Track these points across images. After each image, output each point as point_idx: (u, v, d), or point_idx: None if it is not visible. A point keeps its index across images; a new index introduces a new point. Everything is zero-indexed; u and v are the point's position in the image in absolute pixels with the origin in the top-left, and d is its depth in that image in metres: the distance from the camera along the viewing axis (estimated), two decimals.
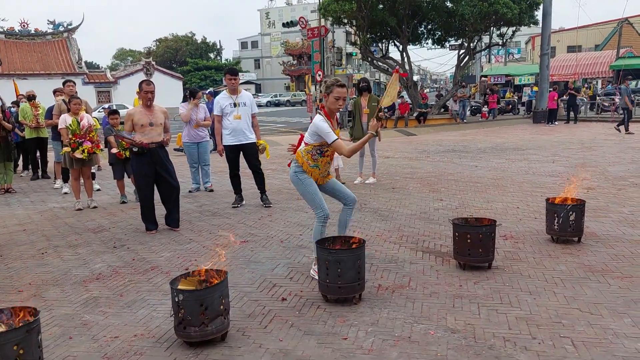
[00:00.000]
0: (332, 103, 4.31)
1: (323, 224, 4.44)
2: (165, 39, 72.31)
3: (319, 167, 4.36)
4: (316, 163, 4.35)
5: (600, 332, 3.33)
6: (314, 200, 4.39)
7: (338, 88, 4.29)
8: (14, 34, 39.74)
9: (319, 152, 4.33)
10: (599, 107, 25.15)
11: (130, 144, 6.04)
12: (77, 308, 3.99)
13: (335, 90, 4.28)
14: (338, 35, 40.76)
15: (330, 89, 4.29)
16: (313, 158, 4.34)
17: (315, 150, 4.33)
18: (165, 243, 5.73)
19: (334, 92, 4.28)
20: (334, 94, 4.28)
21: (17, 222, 6.98)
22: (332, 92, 4.29)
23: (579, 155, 11.54)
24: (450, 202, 7.31)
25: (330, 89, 4.30)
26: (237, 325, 3.57)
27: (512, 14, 20.33)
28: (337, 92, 4.28)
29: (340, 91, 4.29)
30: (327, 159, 4.39)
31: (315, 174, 4.37)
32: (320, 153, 4.33)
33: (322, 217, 4.40)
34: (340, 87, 4.30)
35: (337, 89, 4.28)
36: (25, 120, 10.05)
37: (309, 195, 4.41)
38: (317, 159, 4.34)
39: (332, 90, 4.28)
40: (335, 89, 4.28)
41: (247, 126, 7.19)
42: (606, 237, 5.37)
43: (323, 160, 4.36)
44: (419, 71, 75.04)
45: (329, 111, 4.35)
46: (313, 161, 4.34)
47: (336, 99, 4.29)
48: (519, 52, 52.43)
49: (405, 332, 3.41)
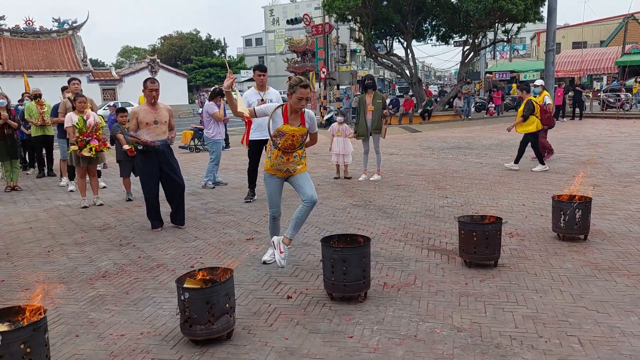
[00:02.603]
0: (295, 103, 4.41)
1: (272, 220, 4.79)
2: (170, 37, 72.31)
3: (270, 158, 4.53)
4: (270, 154, 4.55)
5: (607, 331, 3.32)
6: (268, 198, 4.70)
7: (301, 89, 4.37)
8: (19, 32, 39.85)
9: (273, 144, 4.50)
10: (605, 103, 25.00)
11: (135, 142, 6.04)
12: (83, 306, 4.01)
13: (299, 91, 4.36)
14: (342, 32, 40.61)
15: (294, 89, 4.37)
16: (271, 150, 4.54)
17: (271, 141, 4.52)
18: (170, 241, 5.74)
19: (297, 93, 4.37)
20: (297, 95, 4.37)
21: (23, 220, 7.01)
22: (295, 92, 4.37)
23: (584, 152, 11.49)
24: (455, 199, 7.29)
25: (293, 89, 4.38)
26: (242, 323, 3.57)
27: (517, 10, 20.21)
28: (300, 93, 4.36)
29: (303, 92, 4.37)
30: (277, 152, 4.47)
31: (267, 165, 4.58)
32: (273, 144, 4.49)
33: (271, 216, 4.76)
34: (303, 87, 4.38)
35: (300, 90, 4.36)
36: (31, 119, 10.09)
37: (267, 192, 4.71)
38: (272, 150, 4.52)
39: (296, 91, 4.37)
40: (299, 89, 4.36)
41: None
42: (613, 235, 5.35)
43: (274, 152, 4.49)
44: (423, 68, 74.85)
45: (291, 108, 4.47)
46: (269, 152, 4.57)
47: (299, 99, 4.38)
48: (524, 49, 52.18)
49: (411, 331, 3.41)
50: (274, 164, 4.52)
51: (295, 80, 4.42)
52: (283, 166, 4.53)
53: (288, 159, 4.51)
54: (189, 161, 12.31)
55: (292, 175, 4.60)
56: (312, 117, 4.65)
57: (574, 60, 35.39)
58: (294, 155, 4.51)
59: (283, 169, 4.54)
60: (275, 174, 4.58)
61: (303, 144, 4.58)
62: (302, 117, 4.53)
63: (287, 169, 4.55)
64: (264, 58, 70.13)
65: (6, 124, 9.01)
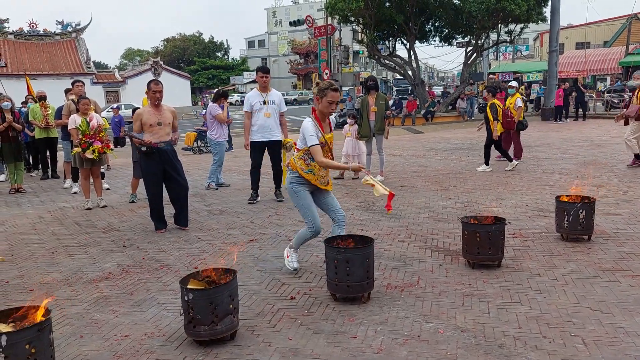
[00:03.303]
0: (325, 107, 4.23)
1: (312, 236, 4.46)
2: (173, 39, 72.55)
3: (313, 172, 4.26)
4: (310, 168, 4.26)
5: (611, 331, 3.31)
6: (307, 213, 4.35)
7: (332, 92, 4.20)
8: (23, 34, 40.01)
9: (311, 156, 4.23)
10: (608, 103, 24.95)
11: (139, 143, 6.07)
12: (87, 307, 4.02)
13: (330, 94, 4.19)
14: (345, 33, 40.67)
15: (324, 93, 4.20)
16: (306, 163, 4.26)
17: (307, 155, 4.25)
18: (174, 242, 5.75)
19: (328, 96, 4.20)
20: (327, 98, 4.20)
21: (27, 221, 7.03)
22: (325, 95, 4.20)
23: (588, 153, 11.46)
24: (458, 200, 7.29)
25: (324, 92, 4.21)
26: (246, 324, 3.58)
27: (520, 10, 20.22)
28: (330, 97, 4.20)
29: (334, 95, 4.22)
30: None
31: (311, 178, 4.27)
32: (312, 157, 4.23)
33: (312, 232, 4.39)
34: (334, 91, 4.22)
35: (331, 93, 4.20)
36: (35, 121, 10.13)
37: (302, 208, 4.37)
38: (310, 163, 4.25)
39: (326, 94, 4.20)
40: (330, 92, 4.19)
41: (275, 124, 7.38)
42: (616, 235, 5.33)
43: (316, 165, 4.24)
44: (426, 69, 74.82)
45: (320, 115, 4.28)
46: (307, 166, 4.26)
47: (329, 103, 4.22)
48: (527, 49, 52.11)
49: (415, 331, 3.41)
50: (318, 177, 4.29)
51: (326, 84, 4.26)
52: (325, 179, 4.38)
53: (328, 170, 4.39)
54: (192, 163, 12.33)
55: (321, 190, 4.40)
56: (332, 121, 4.54)
57: (578, 61, 35.33)
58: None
59: (325, 181, 4.38)
60: (315, 185, 4.34)
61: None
62: (330, 124, 4.41)
63: (328, 180, 4.41)
64: (267, 60, 70.24)
65: (10, 127, 9.05)
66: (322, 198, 4.42)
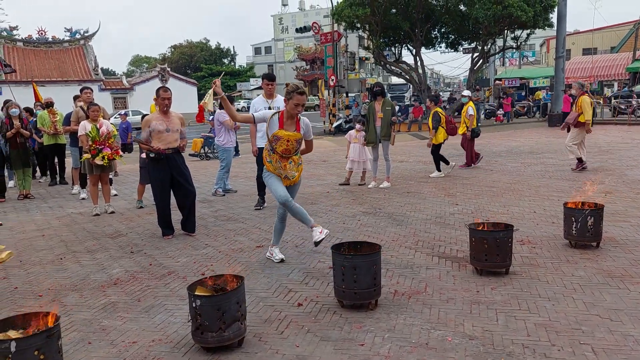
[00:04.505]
0: (291, 108, 4.61)
1: (280, 220, 4.98)
2: (180, 45, 72.99)
3: (272, 162, 4.69)
4: (270, 159, 4.70)
5: (620, 339, 3.29)
6: (277, 189, 4.70)
7: (298, 95, 4.56)
8: (32, 41, 40.42)
9: (271, 148, 4.68)
10: (615, 109, 24.83)
11: (147, 149, 6.10)
12: (95, 313, 4.03)
13: (295, 97, 4.56)
14: (351, 39, 40.68)
15: (291, 95, 4.57)
16: (269, 154, 4.72)
17: (269, 146, 4.71)
18: (181, 248, 5.77)
19: (294, 99, 4.57)
20: (293, 100, 4.57)
21: (35, 227, 7.07)
22: (292, 98, 4.56)
23: (596, 159, 11.40)
24: (465, 206, 7.27)
25: (290, 95, 4.58)
26: (253, 331, 3.58)
27: (527, 16, 20.18)
28: (296, 99, 4.56)
29: (300, 98, 4.57)
30: (276, 156, 4.66)
31: (270, 168, 4.70)
32: (271, 149, 4.67)
33: (280, 207, 4.83)
34: (300, 94, 4.57)
35: (297, 96, 4.56)
36: (44, 127, 10.20)
37: (270, 186, 4.75)
38: (271, 154, 4.70)
39: (292, 97, 4.56)
40: (295, 95, 4.56)
41: None
42: (625, 242, 5.30)
43: (274, 157, 4.67)
44: (432, 75, 74.82)
45: (287, 114, 4.66)
46: (269, 156, 4.72)
47: (295, 105, 4.59)
48: (533, 55, 52.02)
49: (423, 339, 3.39)
50: (276, 167, 4.71)
51: (292, 87, 4.60)
52: (282, 171, 4.70)
53: (285, 164, 4.68)
54: (199, 169, 12.37)
55: (289, 185, 4.79)
56: (307, 124, 4.82)
57: (584, 67, 35.23)
58: (290, 161, 4.69)
59: (282, 174, 4.71)
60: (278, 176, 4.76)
61: (298, 150, 4.77)
62: (298, 123, 4.72)
63: (286, 175, 4.71)
64: (274, 66, 70.46)
65: (19, 133, 9.13)
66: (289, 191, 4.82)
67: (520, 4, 19.93)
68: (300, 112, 4.67)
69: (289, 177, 4.75)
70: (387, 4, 21.54)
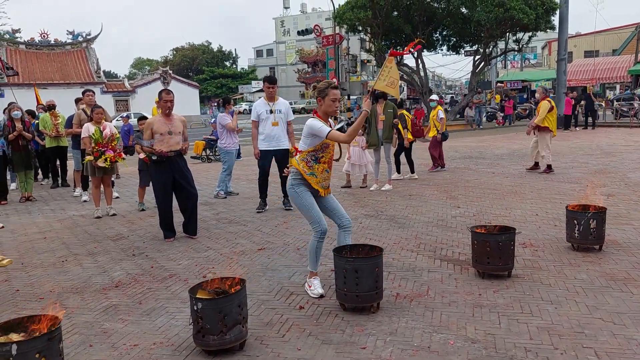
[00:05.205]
0: (328, 106, 4.18)
1: (320, 240, 4.24)
2: (182, 48, 73.20)
3: (315, 174, 4.19)
4: (312, 170, 4.19)
5: (623, 343, 3.27)
6: (311, 213, 4.20)
7: (333, 90, 4.18)
8: (34, 44, 40.53)
9: (314, 158, 4.18)
10: (618, 112, 24.81)
11: (149, 152, 6.10)
12: (97, 316, 4.03)
13: (331, 92, 4.16)
14: (353, 42, 40.75)
15: (326, 92, 4.16)
16: (308, 165, 4.18)
17: (310, 157, 4.19)
18: (183, 251, 5.76)
19: (330, 95, 4.16)
20: (330, 97, 4.16)
21: (37, 230, 7.08)
22: (327, 95, 4.16)
23: (598, 162, 11.39)
24: (467, 209, 7.26)
25: (325, 92, 4.17)
26: (255, 334, 3.57)
27: (529, 19, 20.22)
28: (332, 95, 4.16)
29: (336, 92, 4.19)
30: (323, 166, 4.22)
31: (313, 181, 4.19)
32: (315, 159, 4.18)
33: (319, 232, 4.20)
34: (334, 88, 4.21)
35: (333, 91, 4.17)
36: (46, 130, 10.22)
37: (305, 208, 4.22)
38: (313, 165, 4.19)
39: (328, 93, 4.16)
40: (330, 90, 4.17)
41: (282, 133, 7.41)
42: (628, 245, 5.28)
43: (319, 167, 4.20)
44: (433, 78, 74.83)
45: (324, 115, 4.22)
46: (309, 169, 4.18)
47: (333, 101, 4.18)
48: (535, 58, 52.04)
49: (425, 342, 3.38)
50: (320, 179, 4.21)
51: (324, 84, 4.24)
52: (328, 181, 4.28)
53: (331, 172, 4.32)
54: (201, 171, 12.38)
55: (323, 196, 4.30)
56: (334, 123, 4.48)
57: (586, 69, 35.24)
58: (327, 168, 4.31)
59: (327, 185, 4.28)
60: (317, 190, 4.24)
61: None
62: (331, 126, 4.30)
63: (329, 184, 4.32)
64: (275, 69, 70.57)
65: (21, 135, 9.14)
66: (326, 203, 4.32)
67: (522, 7, 19.97)
68: (337, 108, 4.27)
69: (327, 186, 4.30)
70: (389, 7, 21.57)
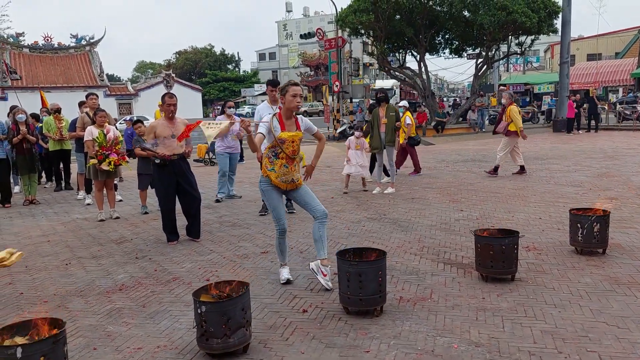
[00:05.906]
0: (290, 102, 4.42)
1: (280, 237, 4.60)
2: (185, 52, 73.36)
3: (274, 169, 4.42)
4: (272, 166, 4.43)
5: (628, 347, 3.26)
6: (273, 211, 4.54)
7: (293, 86, 4.46)
8: (38, 48, 40.71)
9: (274, 153, 4.42)
10: (620, 115, 24.76)
11: (152, 155, 6.12)
12: (100, 319, 4.04)
13: (291, 89, 4.43)
14: (355, 45, 40.78)
15: (286, 89, 4.45)
16: (270, 161, 4.44)
17: (270, 153, 4.44)
18: (186, 254, 5.77)
19: (290, 91, 4.42)
20: (290, 93, 4.41)
21: (41, 233, 7.10)
22: (287, 91, 4.43)
23: (601, 165, 11.37)
24: (470, 212, 7.25)
25: (285, 89, 4.46)
26: (258, 337, 3.57)
27: (531, 22, 20.20)
28: (292, 90, 4.42)
29: (296, 88, 4.45)
30: (282, 161, 4.40)
31: (272, 176, 4.42)
32: (274, 155, 4.42)
33: (278, 230, 4.57)
34: (294, 85, 4.48)
35: (292, 87, 4.44)
36: (49, 133, 10.25)
37: (270, 206, 4.57)
38: (273, 161, 4.42)
39: (288, 90, 4.43)
40: (290, 87, 4.44)
41: None
42: (631, 249, 5.27)
43: (278, 163, 4.41)
44: (436, 81, 74.88)
45: (286, 112, 4.48)
46: (270, 164, 4.44)
47: (293, 97, 4.41)
48: (537, 61, 52.00)
49: (428, 346, 3.38)
50: (279, 174, 4.42)
51: (285, 83, 4.56)
52: (289, 176, 4.45)
53: (292, 167, 4.47)
54: (204, 174, 12.39)
55: (294, 189, 4.52)
56: (306, 120, 4.69)
57: (589, 72, 35.18)
58: (294, 163, 4.51)
59: (289, 179, 4.46)
60: (278, 186, 4.47)
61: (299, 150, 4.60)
62: (297, 123, 4.59)
63: (292, 179, 4.48)
64: (278, 72, 70.69)
65: (25, 139, 9.18)
66: (298, 197, 4.57)
67: (524, 10, 19.97)
68: (300, 104, 4.48)
69: (295, 180, 4.51)
70: (391, 10, 21.59)
